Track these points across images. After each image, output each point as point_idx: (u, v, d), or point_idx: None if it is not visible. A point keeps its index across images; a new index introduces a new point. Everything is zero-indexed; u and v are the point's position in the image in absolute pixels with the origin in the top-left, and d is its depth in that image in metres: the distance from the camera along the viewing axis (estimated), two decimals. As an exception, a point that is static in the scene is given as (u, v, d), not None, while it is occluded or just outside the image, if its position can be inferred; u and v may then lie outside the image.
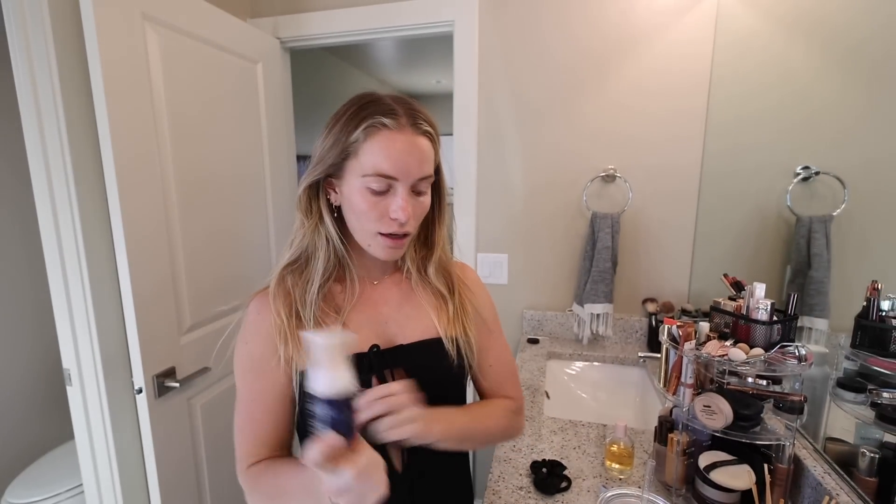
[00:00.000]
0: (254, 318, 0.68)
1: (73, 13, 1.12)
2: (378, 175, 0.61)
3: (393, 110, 0.62)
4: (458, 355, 0.72)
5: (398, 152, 0.61)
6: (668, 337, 0.93)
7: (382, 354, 0.68)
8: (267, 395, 0.67)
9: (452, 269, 0.78)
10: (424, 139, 0.64)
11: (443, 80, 4.64)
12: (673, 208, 1.58)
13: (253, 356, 0.67)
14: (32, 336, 2.01)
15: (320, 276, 0.67)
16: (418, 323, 0.73)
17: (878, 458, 0.75)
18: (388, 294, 0.74)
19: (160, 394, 1.26)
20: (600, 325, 1.59)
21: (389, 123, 0.61)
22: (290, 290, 0.67)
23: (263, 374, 0.66)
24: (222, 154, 1.50)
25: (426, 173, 0.64)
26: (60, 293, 1.20)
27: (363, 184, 0.62)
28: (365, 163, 0.61)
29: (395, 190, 0.63)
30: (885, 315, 0.79)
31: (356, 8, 1.71)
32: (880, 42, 0.92)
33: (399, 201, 0.62)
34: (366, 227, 0.65)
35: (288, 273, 0.69)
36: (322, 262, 0.67)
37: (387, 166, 0.61)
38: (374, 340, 0.69)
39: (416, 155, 0.62)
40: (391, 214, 0.63)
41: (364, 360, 0.66)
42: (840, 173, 0.99)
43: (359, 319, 0.70)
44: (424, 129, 0.64)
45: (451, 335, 0.72)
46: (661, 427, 0.92)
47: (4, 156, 1.90)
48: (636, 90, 1.55)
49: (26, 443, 1.98)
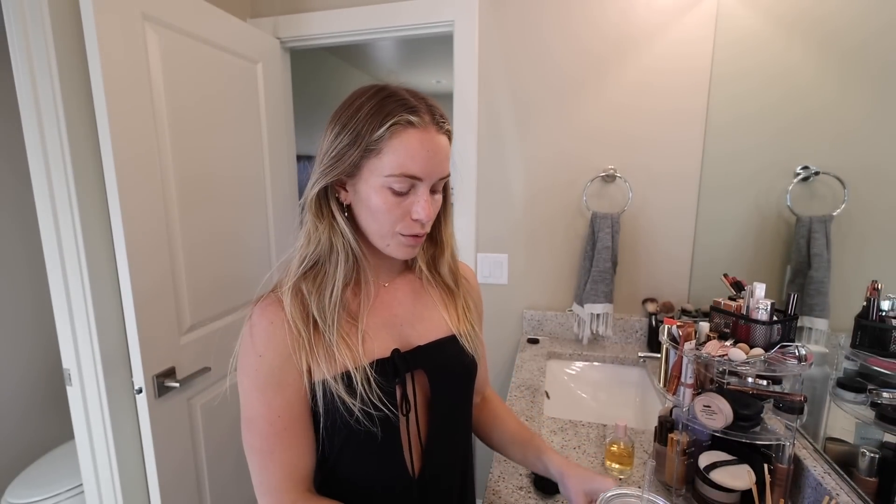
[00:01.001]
0: (266, 327, 0.62)
1: (73, 13, 1.12)
2: (404, 175, 0.59)
3: (416, 108, 0.59)
4: (472, 350, 0.72)
5: (426, 152, 0.59)
6: (668, 337, 0.93)
7: (405, 358, 0.66)
8: (294, 410, 0.62)
9: (458, 267, 0.78)
10: (445, 138, 0.62)
11: (443, 80, 4.64)
12: (673, 208, 1.58)
13: (272, 368, 0.61)
14: (32, 336, 2.01)
15: (342, 280, 0.64)
16: (430, 322, 0.72)
17: (878, 458, 0.75)
18: (399, 295, 0.73)
19: (160, 394, 1.26)
20: (600, 325, 1.59)
21: (416, 122, 0.58)
22: (305, 299, 0.63)
23: (286, 386, 0.62)
24: (222, 154, 1.50)
25: (447, 172, 0.63)
26: (60, 293, 1.20)
27: (385, 183, 0.59)
28: (390, 162, 0.58)
29: (416, 190, 0.61)
30: (885, 315, 0.79)
31: (356, 8, 1.71)
32: (880, 42, 0.92)
33: (423, 202, 0.61)
34: (384, 228, 0.62)
35: (303, 281, 0.64)
36: (342, 265, 0.64)
37: (414, 167, 0.59)
38: (393, 344, 0.67)
39: (440, 155, 0.61)
40: (413, 215, 0.61)
41: (388, 365, 0.64)
42: (840, 173, 0.99)
43: (375, 324, 0.68)
44: (446, 127, 0.62)
45: (463, 331, 0.72)
46: (661, 427, 0.92)
47: (4, 156, 1.90)
48: (636, 90, 1.55)
49: (26, 443, 1.98)
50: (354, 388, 0.61)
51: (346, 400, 0.60)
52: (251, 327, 0.62)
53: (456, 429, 0.73)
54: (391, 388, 0.63)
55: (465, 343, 0.72)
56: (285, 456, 0.62)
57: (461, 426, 0.76)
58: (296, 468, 0.63)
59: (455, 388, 0.72)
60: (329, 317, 0.63)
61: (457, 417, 0.74)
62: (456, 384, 0.72)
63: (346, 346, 0.63)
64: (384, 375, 0.63)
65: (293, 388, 0.62)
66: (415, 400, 0.67)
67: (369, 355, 0.64)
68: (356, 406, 0.60)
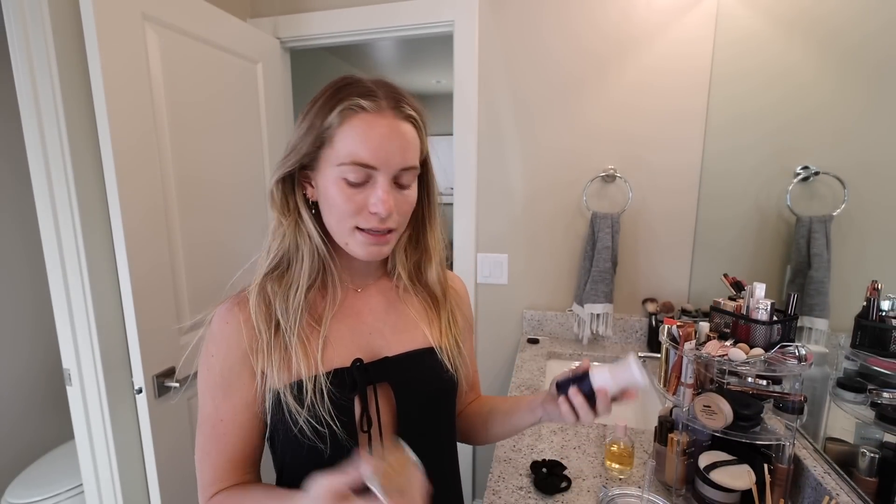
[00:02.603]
0: (219, 327, 0.61)
1: (73, 13, 1.12)
2: (355, 164, 0.54)
3: (372, 91, 0.55)
4: (452, 367, 0.66)
5: (378, 138, 0.54)
6: (668, 337, 0.93)
7: (366, 369, 0.61)
8: (239, 413, 0.60)
9: (446, 277, 0.72)
10: (408, 125, 0.57)
11: (443, 80, 4.63)
12: (673, 208, 1.58)
13: (222, 370, 0.60)
14: (32, 336, 2.01)
15: (306, 280, 0.61)
16: (405, 334, 0.66)
17: (878, 458, 0.75)
18: (372, 302, 0.67)
19: (160, 394, 1.26)
20: (600, 325, 1.59)
21: (368, 106, 0.54)
22: (270, 300, 0.60)
23: (235, 390, 0.59)
24: (222, 154, 1.50)
25: (409, 163, 0.57)
26: (60, 293, 1.20)
27: (339, 174, 0.55)
28: (340, 150, 0.54)
29: (374, 181, 0.56)
30: (885, 315, 0.79)
31: (356, 8, 1.71)
32: (880, 42, 0.92)
33: (379, 193, 0.55)
34: (343, 223, 0.58)
35: (269, 281, 0.62)
36: (307, 264, 0.61)
37: (365, 154, 0.54)
38: (357, 353, 0.62)
39: (397, 141, 0.55)
40: (370, 208, 0.56)
41: (345, 376, 0.59)
42: (840, 173, 0.99)
43: (340, 330, 0.63)
44: (408, 112, 0.57)
45: (445, 346, 0.66)
46: (661, 427, 0.92)
47: (4, 156, 1.90)
48: (636, 90, 1.55)
49: (26, 443, 1.98)
50: (303, 398, 0.56)
51: (293, 410, 0.56)
52: (209, 327, 0.62)
53: (432, 451, 0.63)
54: (347, 402, 0.59)
55: (444, 358, 0.65)
56: (219, 459, 0.61)
57: (439, 449, 0.67)
58: (227, 472, 0.61)
59: (429, 406, 0.65)
60: (290, 319, 0.59)
61: (433, 439, 0.65)
62: (430, 402, 0.65)
63: (304, 353, 0.59)
64: (341, 387, 0.58)
65: (242, 392, 0.59)
66: (378, 417, 0.61)
67: (328, 364, 0.60)
68: (301, 416, 0.56)
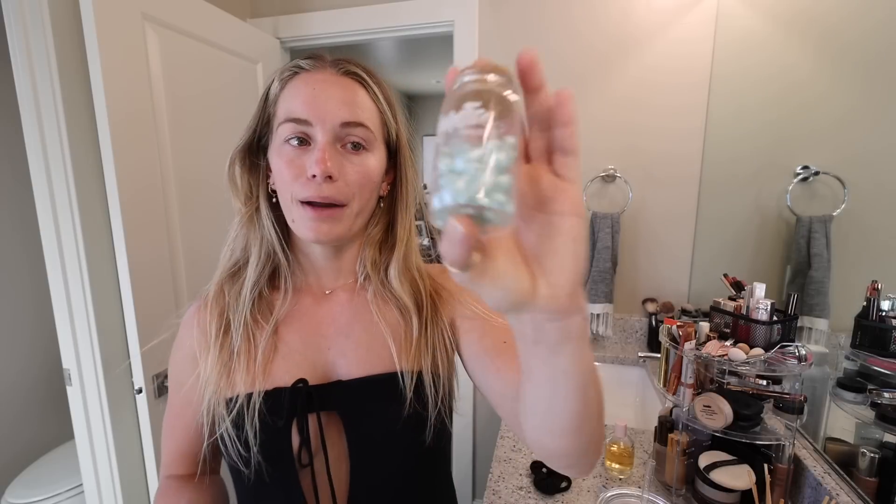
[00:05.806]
0: (182, 325, 0.60)
1: (73, 13, 1.12)
2: (289, 120, 0.50)
3: (312, 56, 0.52)
4: (417, 399, 0.53)
5: (313, 90, 0.50)
6: (668, 337, 0.93)
7: (309, 393, 0.52)
8: (185, 411, 0.59)
9: (424, 276, 0.59)
10: (350, 80, 0.52)
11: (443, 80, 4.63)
12: (673, 208, 1.58)
13: (176, 368, 0.61)
14: (32, 336, 2.01)
15: (253, 278, 0.56)
16: (369, 351, 0.55)
17: (878, 458, 0.75)
18: (336, 310, 0.57)
19: (160, 394, 1.26)
20: (600, 325, 1.59)
21: (306, 65, 0.52)
22: (225, 299, 0.57)
23: (182, 388, 0.58)
24: (222, 154, 1.48)
25: (352, 117, 0.50)
26: (60, 293, 1.20)
27: (281, 139, 0.51)
28: (280, 114, 0.51)
29: (315, 141, 0.50)
30: (885, 315, 0.79)
31: (356, 8, 1.71)
32: (880, 42, 0.92)
33: (317, 151, 0.49)
34: (285, 195, 0.51)
35: (226, 280, 0.58)
36: (256, 260, 0.56)
37: (297, 107, 0.50)
38: (306, 372, 0.53)
39: (334, 94, 0.50)
40: (308, 171, 0.49)
41: (281, 398, 0.51)
42: (840, 173, 0.99)
43: (294, 342, 0.55)
44: (351, 69, 0.52)
45: (413, 369, 0.54)
46: (661, 427, 0.92)
47: (4, 156, 1.90)
48: (636, 90, 1.54)
49: (26, 443, 1.98)
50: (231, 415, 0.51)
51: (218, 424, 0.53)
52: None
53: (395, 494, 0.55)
54: (280, 429, 0.51)
55: (405, 387, 0.52)
56: (170, 446, 0.63)
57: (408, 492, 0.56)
58: (174, 460, 0.63)
59: (386, 443, 0.53)
60: (240, 314, 0.55)
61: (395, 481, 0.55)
62: (387, 439, 0.53)
63: (246, 363, 0.53)
64: (276, 412, 0.51)
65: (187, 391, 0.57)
66: (325, 450, 0.52)
67: (271, 380, 0.53)
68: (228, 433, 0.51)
